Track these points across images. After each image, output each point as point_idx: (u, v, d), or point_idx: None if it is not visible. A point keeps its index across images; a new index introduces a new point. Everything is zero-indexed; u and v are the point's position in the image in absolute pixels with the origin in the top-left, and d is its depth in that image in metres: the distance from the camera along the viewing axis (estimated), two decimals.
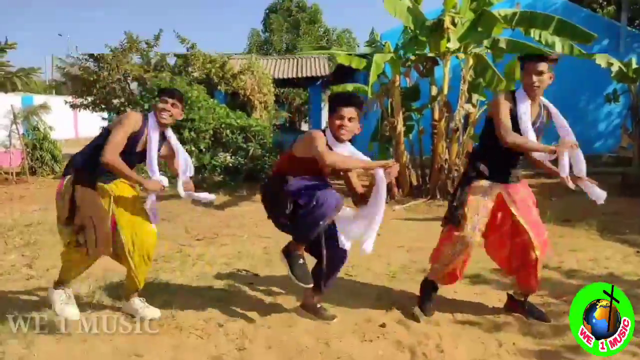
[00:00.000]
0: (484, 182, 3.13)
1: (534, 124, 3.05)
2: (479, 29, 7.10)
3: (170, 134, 3.28)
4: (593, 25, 7.30)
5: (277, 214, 2.94)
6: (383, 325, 3.12)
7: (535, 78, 2.99)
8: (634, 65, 8.05)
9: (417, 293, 3.47)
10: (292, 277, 2.90)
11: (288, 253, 2.94)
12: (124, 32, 12.09)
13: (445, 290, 3.65)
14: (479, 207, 3.09)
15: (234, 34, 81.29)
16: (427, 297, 3.34)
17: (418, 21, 7.43)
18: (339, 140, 2.92)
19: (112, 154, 2.89)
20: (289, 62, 18.19)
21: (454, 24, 7.25)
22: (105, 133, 3.07)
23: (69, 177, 3.04)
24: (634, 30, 13.27)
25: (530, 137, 2.98)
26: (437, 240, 3.35)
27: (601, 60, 7.54)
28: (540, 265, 3.16)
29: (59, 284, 3.18)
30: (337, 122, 2.89)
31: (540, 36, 7.14)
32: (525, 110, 3.01)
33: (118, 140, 2.94)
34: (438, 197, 7.76)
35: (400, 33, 8.53)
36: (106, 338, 2.94)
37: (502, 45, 7.32)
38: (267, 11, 34.38)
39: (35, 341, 2.89)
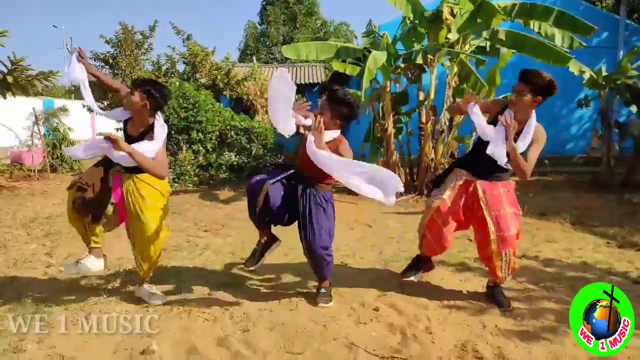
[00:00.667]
0: (462, 171, 3.20)
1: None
2: (478, 20, 6.71)
3: (158, 123, 3.00)
4: (592, 18, 6.80)
5: None
6: (376, 309, 3.09)
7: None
8: (604, 73, 8.03)
9: (405, 279, 3.57)
10: None
11: None
12: (119, 23, 11.97)
13: (433, 278, 3.63)
14: (447, 183, 3.22)
15: (230, 25, 79.18)
16: (412, 266, 3.53)
17: (417, 12, 7.10)
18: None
19: None
20: (288, 70, 18.27)
21: (452, 14, 6.92)
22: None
23: None
24: (632, 23, 12.41)
25: (487, 133, 2.95)
26: None
27: (574, 67, 7.46)
28: (501, 258, 3.06)
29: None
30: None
31: (539, 28, 6.77)
32: (503, 117, 2.90)
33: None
34: (425, 193, 7.72)
35: (398, 25, 8.15)
36: (120, 321, 2.89)
37: (502, 36, 6.84)
38: (264, 3, 32.12)
39: (54, 324, 2.85)
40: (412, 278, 3.44)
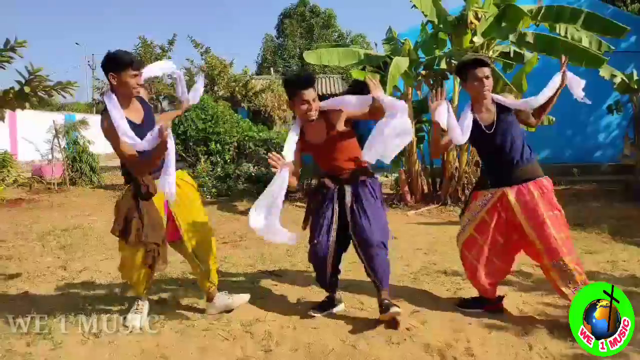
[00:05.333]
0: (486, 192, 2.94)
1: (493, 126, 2.84)
2: (504, 24, 6.51)
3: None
4: (619, 22, 6.61)
5: None
6: (409, 328, 2.81)
7: (486, 82, 2.81)
8: (636, 77, 7.66)
9: (438, 294, 3.40)
10: None
11: None
12: (138, 37, 12.05)
13: (467, 293, 3.33)
14: (474, 212, 2.95)
15: (248, 39, 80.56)
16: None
17: (441, 16, 6.95)
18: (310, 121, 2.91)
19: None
20: None
21: (477, 18, 6.72)
22: None
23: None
24: None
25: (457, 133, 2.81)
26: (451, 242, 3.25)
27: (605, 72, 7.15)
28: (556, 270, 2.79)
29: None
30: (303, 107, 2.86)
31: (566, 31, 6.56)
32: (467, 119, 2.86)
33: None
34: (449, 203, 7.41)
35: (417, 33, 7.98)
36: (133, 340, 2.69)
37: (530, 39, 6.59)
38: (281, 16, 32.24)
39: (63, 342, 2.66)
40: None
